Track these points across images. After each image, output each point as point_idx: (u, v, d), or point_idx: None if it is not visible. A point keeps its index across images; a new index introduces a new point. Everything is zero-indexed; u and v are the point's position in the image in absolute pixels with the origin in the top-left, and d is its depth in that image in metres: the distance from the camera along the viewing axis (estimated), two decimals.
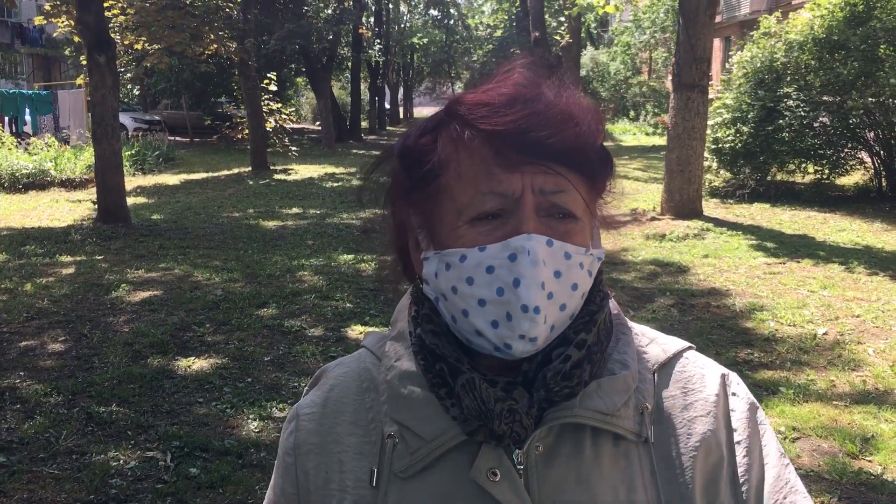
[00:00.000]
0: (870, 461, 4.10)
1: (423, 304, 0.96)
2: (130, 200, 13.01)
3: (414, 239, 0.97)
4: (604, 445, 0.91)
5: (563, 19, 24.86)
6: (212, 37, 18.57)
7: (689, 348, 1.02)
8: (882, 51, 12.32)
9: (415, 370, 0.95)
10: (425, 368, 0.93)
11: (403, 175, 0.95)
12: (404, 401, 0.94)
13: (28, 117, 22.98)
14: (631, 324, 1.02)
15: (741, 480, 0.93)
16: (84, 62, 12.65)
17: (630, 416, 0.91)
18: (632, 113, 39.82)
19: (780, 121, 13.07)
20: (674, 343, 1.02)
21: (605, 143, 0.94)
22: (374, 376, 1.00)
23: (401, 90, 55.97)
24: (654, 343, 1.01)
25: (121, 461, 4.15)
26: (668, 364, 0.99)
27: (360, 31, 32.89)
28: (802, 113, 12.95)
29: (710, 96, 12.77)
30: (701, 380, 0.98)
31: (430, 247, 0.94)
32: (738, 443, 0.95)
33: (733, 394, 0.98)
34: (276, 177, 19.46)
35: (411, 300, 1.01)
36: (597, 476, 0.89)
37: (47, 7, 15.69)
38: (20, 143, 18.85)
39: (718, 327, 6.41)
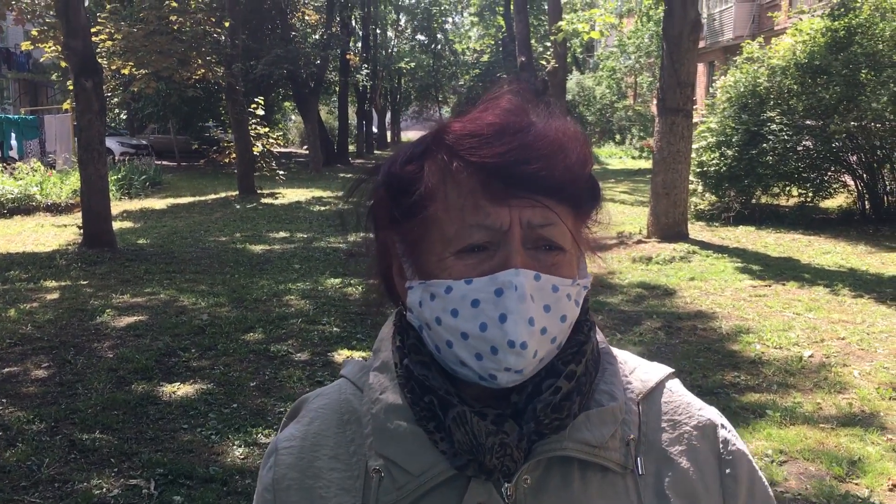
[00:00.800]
0: (857, 484, 4.10)
1: (407, 333, 0.95)
2: (116, 225, 12.96)
3: (398, 265, 0.96)
4: (591, 477, 0.90)
5: (548, 44, 25.09)
6: (199, 62, 18.63)
7: (671, 376, 1.02)
8: (864, 75, 12.49)
9: (401, 403, 0.93)
10: (412, 401, 0.91)
11: (389, 203, 0.93)
12: (390, 435, 0.91)
13: (14, 142, 22.88)
14: (615, 351, 1.02)
15: None
16: (71, 87, 12.64)
17: (617, 447, 0.90)
18: (618, 137, 40.09)
19: (764, 144, 13.20)
20: (656, 372, 1.01)
21: (592, 169, 0.93)
22: (356, 408, 0.97)
23: (388, 114, 56.18)
24: (637, 371, 1.01)
25: (104, 489, 4.10)
26: (653, 393, 0.98)
27: (348, 56, 33.08)
28: (786, 137, 13.09)
29: (695, 120, 12.89)
30: (687, 409, 0.98)
31: (414, 276, 0.92)
32: (729, 477, 0.96)
33: (723, 442, 0.98)
34: (264, 201, 19.44)
35: (394, 329, 0.99)
36: None
37: (34, 32, 15.69)
38: (6, 168, 18.78)
39: (705, 350, 6.42)
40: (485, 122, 0.88)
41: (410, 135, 52.10)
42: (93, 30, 13.01)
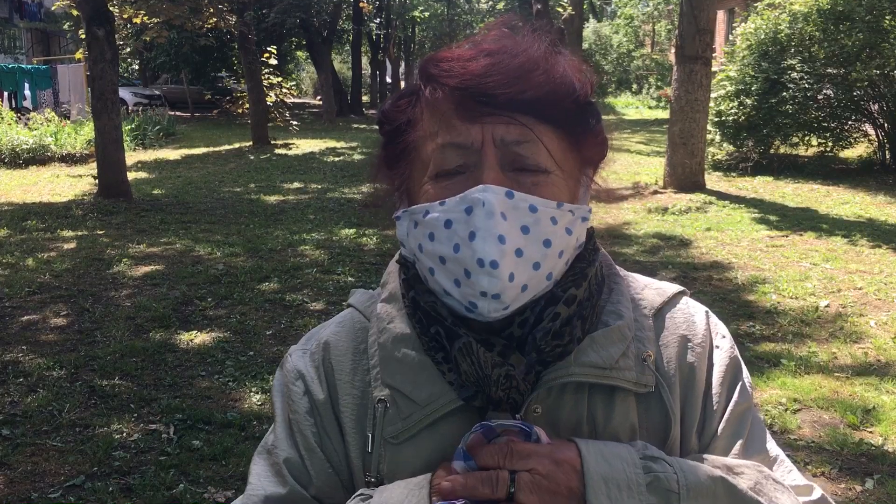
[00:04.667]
0: (871, 432, 4.11)
1: (409, 267, 0.95)
2: (131, 175, 12.97)
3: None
4: (605, 399, 0.89)
5: None
6: (211, 10, 18.39)
7: (682, 292, 1.02)
8: (887, 22, 12.21)
9: (409, 332, 0.92)
10: (420, 331, 0.91)
11: (382, 140, 0.95)
12: (398, 364, 0.91)
13: (27, 92, 22.84)
14: (623, 272, 1.01)
15: (711, 409, 0.95)
16: (83, 36, 12.57)
17: (630, 366, 0.89)
18: (634, 86, 39.63)
19: (784, 93, 12.97)
20: (665, 288, 1.01)
21: (588, 94, 0.90)
22: (368, 337, 0.97)
23: (402, 64, 55.65)
24: (648, 288, 1.00)
25: (124, 434, 4.17)
26: (662, 310, 0.98)
27: (361, 4, 32.62)
28: (806, 85, 12.86)
29: (714, 69, 12.67)
30: (691, 327, 0.98)
31: (402, 206, 0.93)
32: (713, 390, 0.96)
33: (717, 346, 0.99)
34: (277, 151, 19.39)
35: (400, 265, 0.99)
36: (599, 431, 0.88)
37: None
38: (20, 119, 18.76)
39: (721, 300, 6.41)
40: (464, 49, 0.89)
41: None
42: None
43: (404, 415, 0.89)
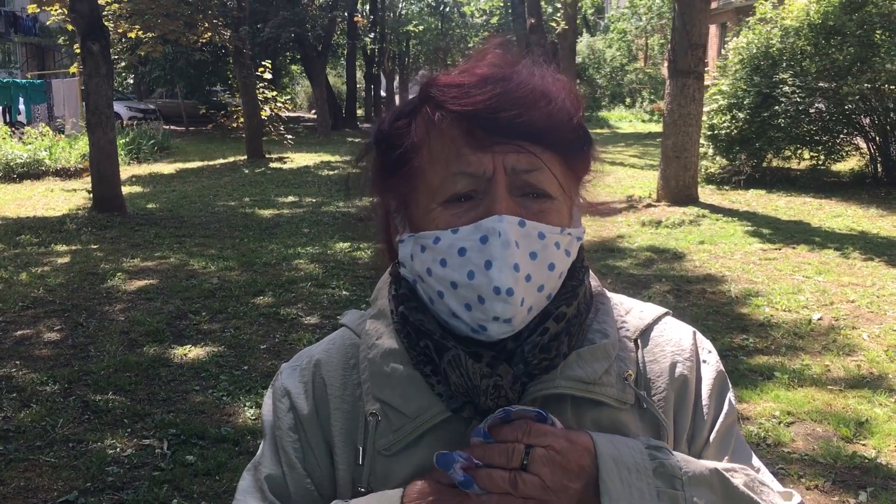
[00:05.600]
0: (864, 445, 4.12)
1: (401, 284, 0.97)
2: (125, 189, 12.97)
3: (393, 222, 0.98)
4: (586, 413, 0.92)
5: (559, 6, 24.75)
6: (206, 25, 18.48)
7: (666, 314, 1.05)
8: (878, 36, 12.30)
9: (397, 347, 0.95)
10: (409, 346, 0.93)
11: (380, 160, 0.96)
12: (387, 378, 0.93)
13: (22, 106, 22.84)
14: (609, 294, 1.04)
15: (701, 420, 0.98)
16: (78, 51, 12.58)
17: (612, 383, 0.92)
18: (628, 100, 39.75)
19: (776, 107, 13.05)
20: (651, 310, 1.04)
21: (581, 118, 0.93)
22: (358, 354, 1.00)
23: (397, 78, 55.79)
24: (631, 312, 1.03)
25: (117, 449, 4.16)
26: (647, 331, 1.01)
27: (356, 18, 32.77)
28: (798, 99, 12.93)
29: (706, 83, 12.74)
30: (678, 344, 1.01)
31: (406, 229, 0.94)
32: (703, 402, 0.99)
33: (704, 361, 1.02)
34: (272, 165, 19.42)
35: (391, 279, 1.01)
36: None
37: None
38: (14, 133, 18.76)
39: (714, 313, 6.43)
40: (469, 74, 0.89)
41: None
42: None
43: (395, 427, 0.91)
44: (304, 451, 0.98)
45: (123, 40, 20.50)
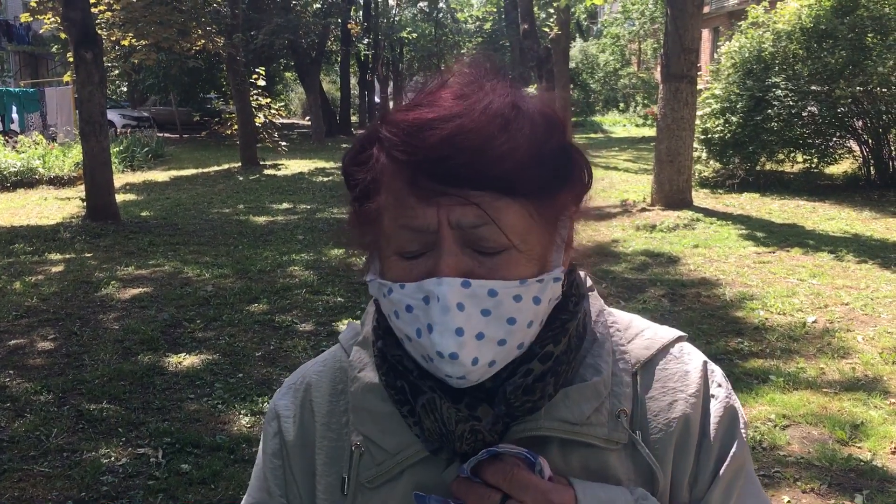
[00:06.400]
0: (859, 448, 4.13)
1: (384, 316, 0.91)
2: (119, 197, 12.94)
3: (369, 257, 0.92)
4: (573, 454, 0.87)
5: (552, 11, 24.81)
6: (199, 32, 18.46)
7: (677, 341, 0.97)
8: (869, 39, 12.35)
9: (377, 382, 0.91)
10: (387, 383, 0.90)
11: (349, 195, 0.89)
12: (367, 413, 0.91)
13: (15, 115, 22.78)
14: (617, 315, 0.97)
15: (705, 463, 0.91)
16: (71, 59, 12.57)
17: (602, 422, 0.87)
18: (621, 104, 39.87)
19: (769, 110, 13.09)
20: (659, 337, 0.96)
21: (560, 144, 0.83)
22: (347, 377, 0.97)
23: (390, 84, 55.84)
24: (639, 337, 0.95)
25: (112, 458, 4.14)
26: (651, 362, 0.94)
27: (349, 25, 32.78)
28: (791, 102, 12.98)
29: (699, 87, 12.79)
30: (683, 379, 0.93)
31: (373, 269, 0.89)
32: (708, 442, 0.92)
33: (713, 395, 0.94)
34: (266, 172, 19.40)
35: (376, 308, 0.94)
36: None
37: (33, 4, 15.58)
38: (8, 141, 18.72)
39: (709, 317, 6.43)
40: (414, 114, 0.80)
41: None
42: (91, 0, 12.87)
43: (378, 461, 0.89)
44: (287, 479, 0.97)
45: (117, 48, 20.49)
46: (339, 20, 31.83)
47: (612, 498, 0.83)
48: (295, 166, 20.63)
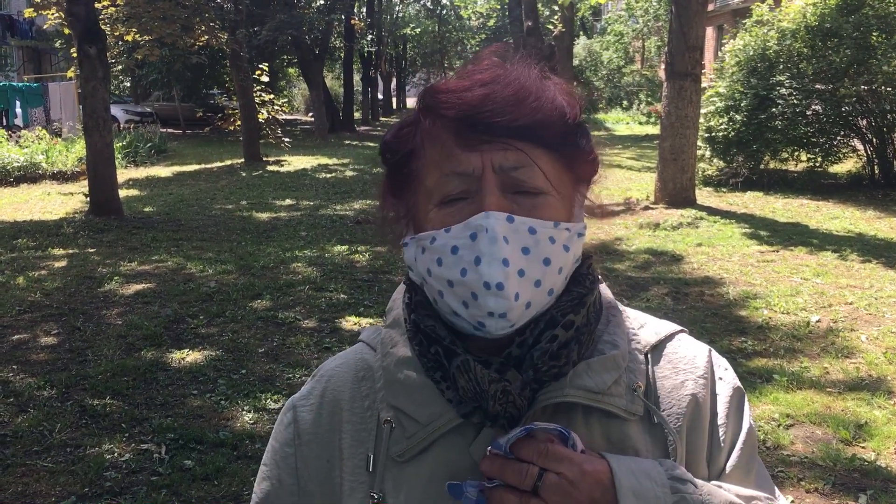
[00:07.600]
0: (863, 447, 4.12)
1: (416, 291, 0.99)
2: (122, 193, 12.95)
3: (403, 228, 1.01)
4: (595, 423, 0.93)
5: (556, 8, 24.75)
6: (203, 28, 18.44)
7: (681, 331, 1.05)
8: (874, 38, 12.32)
9: (410, 355, 0.97)
10: (420, 353, 0.95)
11: (385, 169, 1.00)
12: (400, 386, 0.96)
13: (19, 110, 22.84)
14: (623, 308, 1.04)
15: (719, 441, 0.98)
16: (74, 54, 12.56)
17: (621, 394, 0.93)
18: (625, 102, 39.78)
19: (773, 109, 13.06)
20: (665, 326, 1.04)
21: (576, 116, 0.94)
22: (371, 365, 1.02)
23: (394, 81, 55.80)
24: (645, 327, 1.03)
25: (115, 454, 4.14)
26: (660, 346, 1.01)
27: (353, 21, 32.77)
28: (795, 101, 12.95)
29: (703, 85, 12.75)
30: (692, 361, 1.01)
31: (409, 233, 0.97)
32: (719, 421, 0.99)
33: (720, 378, 1.02)
34: (269, 168, 19.40)
35: (406, 287, 1.03)
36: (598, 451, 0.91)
37: None
38: (11, 136, 18.74)
39: (712, 315, 6.42)
40: (461, 78, 0.93)
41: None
42: None
43: (409, 434, 0.94)
44: (297, 466, 1.01)
45: (120, 44, 20.53)
46: (343, 16, 31.79)
47: (645, 469, 0.88)
48: (298, 162, 20.62)
